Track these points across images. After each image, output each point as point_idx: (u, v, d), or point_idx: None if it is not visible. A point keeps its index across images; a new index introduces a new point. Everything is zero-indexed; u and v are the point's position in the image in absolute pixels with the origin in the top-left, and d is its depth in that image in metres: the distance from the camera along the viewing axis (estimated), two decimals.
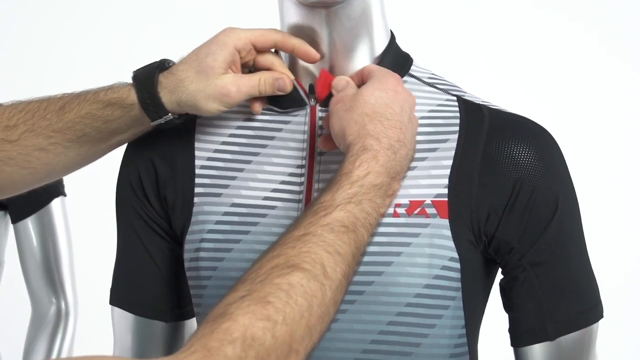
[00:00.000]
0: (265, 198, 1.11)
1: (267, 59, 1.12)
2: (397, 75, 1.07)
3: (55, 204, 1.86)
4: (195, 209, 1.14)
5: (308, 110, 1.12)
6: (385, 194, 1.00)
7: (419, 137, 1.09)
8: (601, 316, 1.12)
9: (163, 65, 1.12)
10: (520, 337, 1.11)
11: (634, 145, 3.10)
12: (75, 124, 1.12)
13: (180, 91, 1.09)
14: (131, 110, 1.11)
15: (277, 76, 1.10)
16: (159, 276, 1.19)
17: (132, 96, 1.10)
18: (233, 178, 1.13)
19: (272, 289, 0.86)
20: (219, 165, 1.14)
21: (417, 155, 1.08)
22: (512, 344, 1.13)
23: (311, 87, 1.12)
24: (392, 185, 1.01)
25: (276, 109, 1.14)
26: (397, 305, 1.06)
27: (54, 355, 1.86)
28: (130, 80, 1.12)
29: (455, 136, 1.09)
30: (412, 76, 1.15)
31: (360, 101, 1.03)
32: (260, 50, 1.12)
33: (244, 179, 1.13)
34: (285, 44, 1.10)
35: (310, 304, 0.87)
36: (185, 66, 1.10)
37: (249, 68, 1.14)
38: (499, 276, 1.14)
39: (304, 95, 1.12)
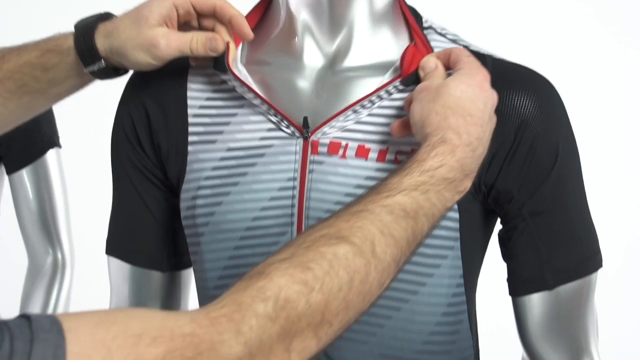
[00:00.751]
0: (262, 138, 1.10)
1: (211, 22, 1.11)
2: (485, 72, 1.04)
3: (50, 155, 1.85)
4: (190, 158, 1.13)
5: (299, 147, 1.08)
6: (456, 190, 0.97)
7: None
8: (600, 265, 1.12)
9: (106, 17, 1.12)
10: (518, 286, 1.11)
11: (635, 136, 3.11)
12: (14, 74, 1.13)
13: (113, 37, 1.09)
14: (67, 56, 1.11)
15: (210, 36, 1.09)
16: (155, 225, 1.19)
17: (69, 42, 1.11)
18: (227, 124, 1.12)
19: (316, 256, 0.85)
20: (212, 113, 1.13)
21: None
22: (511, 293, 1.13)
23: (305, 120, 1.08)
24: (464, 182, 0.98)
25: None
26: None
27: (51, 305, 1.86)
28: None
29: None
30: (426, 27, 1.13)
31: (445, 93, 1.00)
32: (200, 14, 1.11)
33: (238, 123, 1.11)
34: (224, 11, 1.09)
35: (351, 278, 0.85)
36: (123, 16, 1.10)
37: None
38: (498, 228, 1.14)
39: (293, 128, 1.08)
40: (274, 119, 1.09)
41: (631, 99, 3.10)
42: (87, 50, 1.10)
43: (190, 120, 1.13)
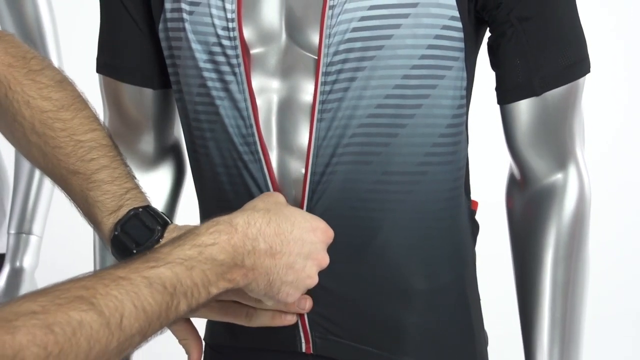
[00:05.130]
0: None
1: None
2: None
3: None
4: None
5: None
6: (222, 276, 0.94)
7: None
8: (587, 71, 1.12)
9: None
10: (506, 93, 1.12)
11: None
12: None
13: None
14: None
15: None
16: (142, 40, 1.18)
17: None
18: None
19: (63, 319, 0.85)
20: None
21: None
22: (499, 102, 1.14)
23: None
24: (232, 271, 0.95)
25: None
26: (404, 68, 1.06)
27: None
28: None
29: None
30: None
31: (289, 215, 0.99)
32: None
33: None
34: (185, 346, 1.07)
35: (91, 347, 0.86)
36: None
37: None
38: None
39: None
40: None
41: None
42: None
43: None
